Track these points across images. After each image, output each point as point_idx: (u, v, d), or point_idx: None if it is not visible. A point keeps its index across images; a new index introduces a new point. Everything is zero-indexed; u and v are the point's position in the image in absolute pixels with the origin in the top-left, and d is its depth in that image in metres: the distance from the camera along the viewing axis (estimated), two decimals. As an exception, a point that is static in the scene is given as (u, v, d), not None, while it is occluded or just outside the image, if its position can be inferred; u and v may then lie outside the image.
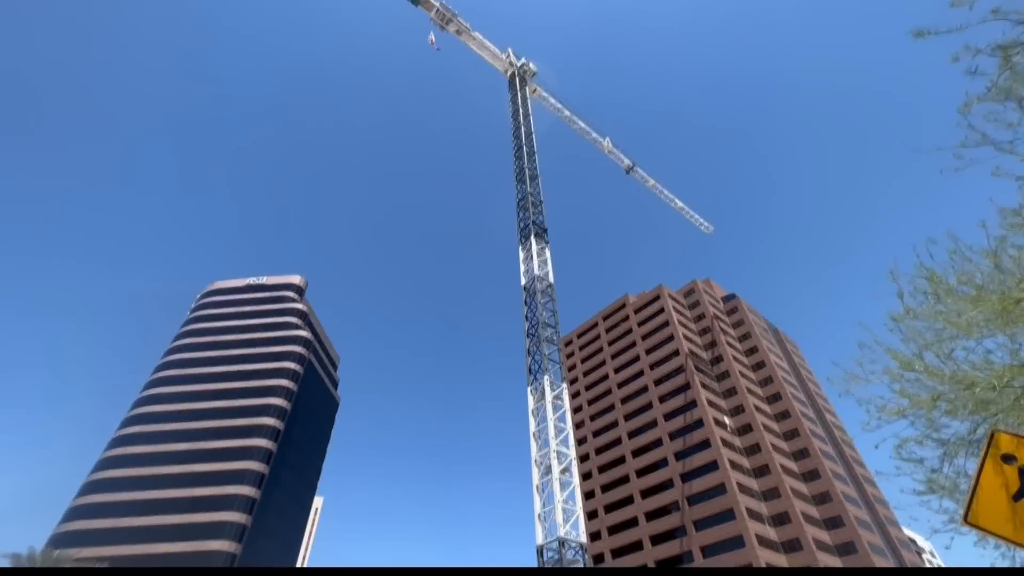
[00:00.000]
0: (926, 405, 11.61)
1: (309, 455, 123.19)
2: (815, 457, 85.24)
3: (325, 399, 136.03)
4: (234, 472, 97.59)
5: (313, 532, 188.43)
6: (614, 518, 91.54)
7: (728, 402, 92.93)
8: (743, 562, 71.22)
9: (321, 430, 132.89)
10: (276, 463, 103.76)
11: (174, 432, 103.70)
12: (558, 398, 56.73)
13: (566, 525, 47.26)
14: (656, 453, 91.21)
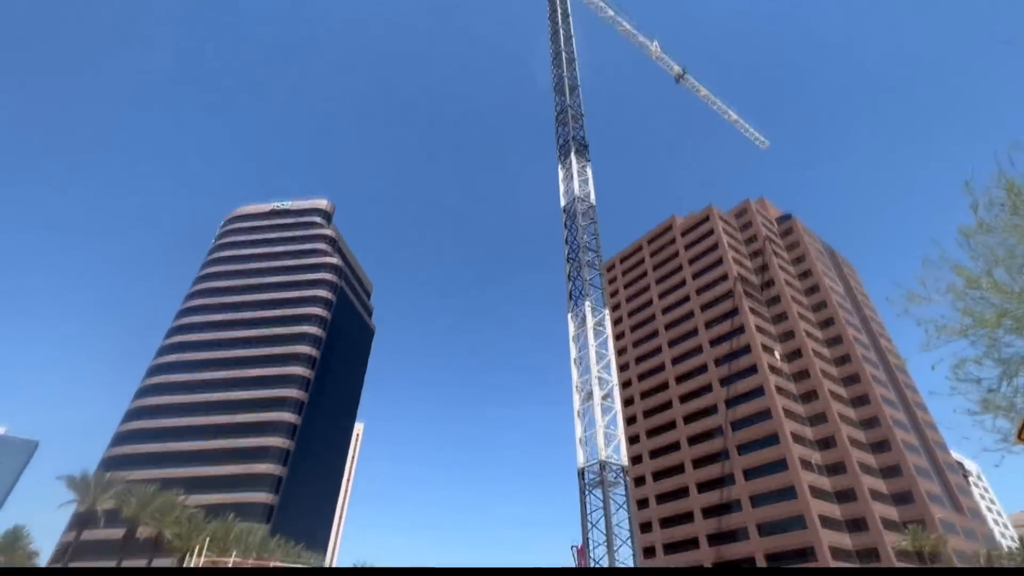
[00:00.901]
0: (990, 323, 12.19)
1: (346, 382, 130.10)
2: (866, 382, 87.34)
3: (359, 327, 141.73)
4: (273, 399, 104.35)
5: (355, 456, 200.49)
6: (656, 443, 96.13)
7: (777, 328, 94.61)
8: (785, 484, 75.25)
9: (357, 358, 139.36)
10: (314, 390, 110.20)
11: (209, 361, 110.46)
12: (600, 324, 59.04)
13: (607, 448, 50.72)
14: (700, 379, 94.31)
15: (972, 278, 12.52)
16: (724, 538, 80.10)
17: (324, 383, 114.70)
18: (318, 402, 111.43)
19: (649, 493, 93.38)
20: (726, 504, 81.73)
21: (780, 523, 74.36)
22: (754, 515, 77.41)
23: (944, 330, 12.87)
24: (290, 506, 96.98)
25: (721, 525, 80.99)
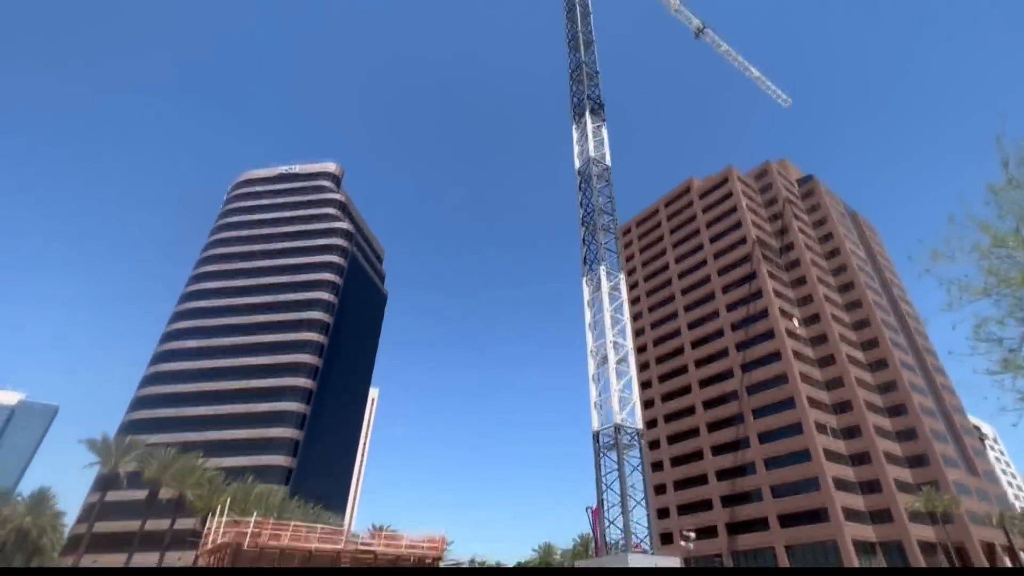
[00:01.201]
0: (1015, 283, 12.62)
1: (361, 348, 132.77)
2: (884, 347, 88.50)
3: (372, 293, 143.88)
4: (288, 365, 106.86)
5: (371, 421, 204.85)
6: (671, 407, 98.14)
7: (796, 292, 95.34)
8: (800, 447, 77.31)
9: (370, 324, 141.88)
10: (328, 356, 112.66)
11: (223, 327, 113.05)
12: (615, 289, 59.82)
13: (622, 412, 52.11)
14: (716, 344, 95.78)
15: (998, 236, 12.70)
16: (737, 500, 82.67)
17: (338, 348, 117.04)
18: (332, 367, 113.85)
19: (663, 456, 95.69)
20: (740, 467, 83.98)
21: (793, 485, 76.72)
22: (768, 477, 79.56)
23: (967, 290, 13.09)
24: (308, 469, 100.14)
25: (735, 487, 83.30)
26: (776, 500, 77.70)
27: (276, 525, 44.42)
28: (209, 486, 73.49)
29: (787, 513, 75.83)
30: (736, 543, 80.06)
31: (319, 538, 44.60)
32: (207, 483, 73.93)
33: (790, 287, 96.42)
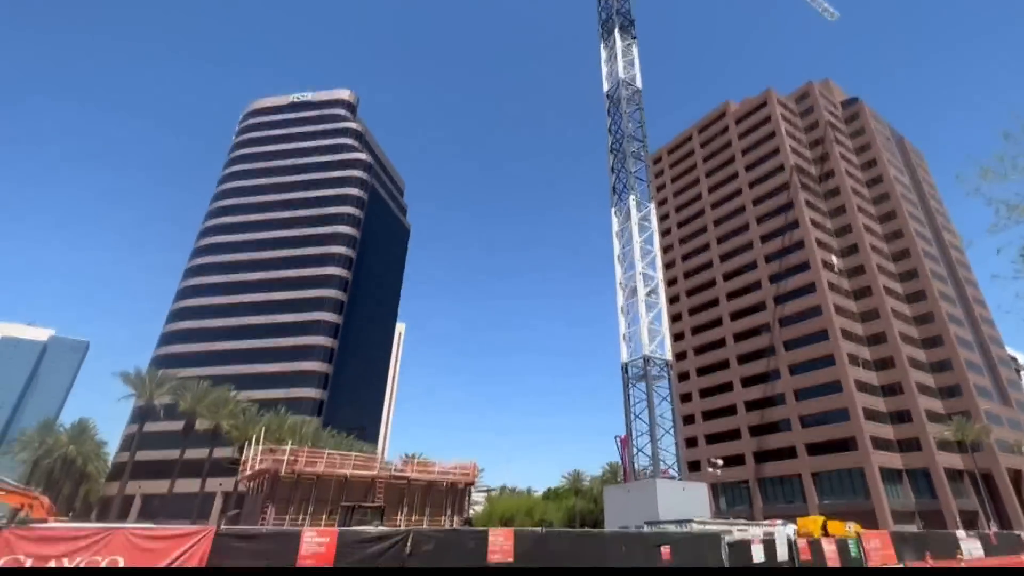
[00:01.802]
0: None
1: (385, 283, 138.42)
2: (923, 278, 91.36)
3: (394, 226, 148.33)
4: (313, 299, 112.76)
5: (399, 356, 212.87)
6: (701, 340, 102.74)
7: (834, 222, 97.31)
8: (831, 379, 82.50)
9: (394, 258, 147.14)
10: (353, 291, 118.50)
11: (244, 262, 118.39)
12: (645, 219, 61.48)
13: (651, 344, 55.00)
14: (749, 276, 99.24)
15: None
16: (765, 430, 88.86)
17: (362, 283, 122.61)
18: (358, 302, 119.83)
19: (692, 388, 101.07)
20: (769, 398, 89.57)
21: (823, 416, 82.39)
22: (797, 408, 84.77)
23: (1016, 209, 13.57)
24: (338, 401, 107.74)
25: (763, 418, 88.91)
26: (804, 430, 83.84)
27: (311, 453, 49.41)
28: (243, 417, 79.70)
29: (815, 442, 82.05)
30: (763, 471, 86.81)
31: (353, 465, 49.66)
32: (241, 414, 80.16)
33: (828, 217, 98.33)
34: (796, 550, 22.26)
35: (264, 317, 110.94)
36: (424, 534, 15.07)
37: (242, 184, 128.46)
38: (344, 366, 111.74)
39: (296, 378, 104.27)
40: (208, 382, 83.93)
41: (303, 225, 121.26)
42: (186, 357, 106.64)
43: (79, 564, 10.55)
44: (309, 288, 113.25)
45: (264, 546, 12.84)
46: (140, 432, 77.41)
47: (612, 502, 49.63)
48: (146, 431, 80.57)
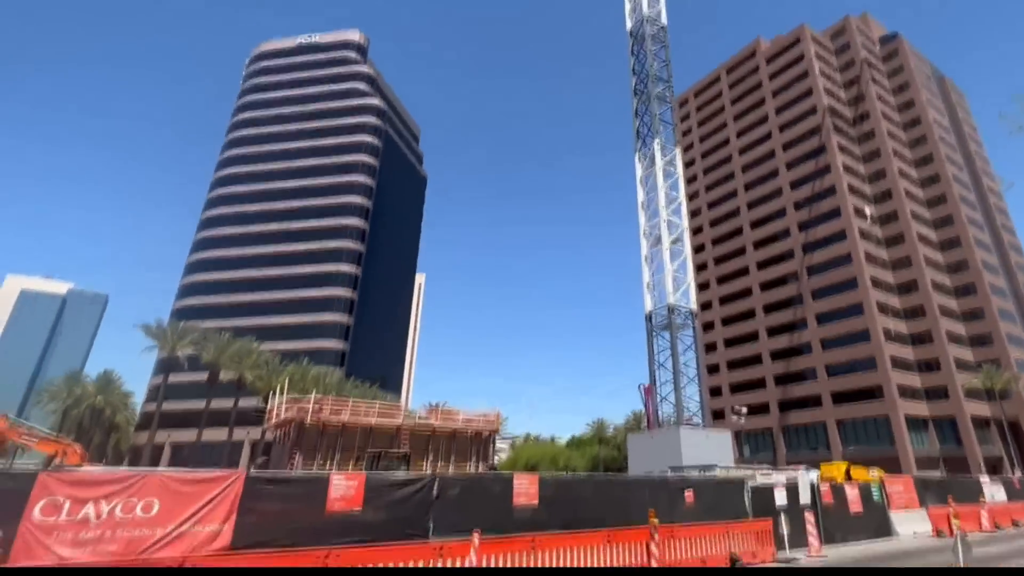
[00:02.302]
0: None
1: (403, 232, 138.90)
2: (959, 225, 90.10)
3: (410, 174, 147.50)
4: (331, 250, 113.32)
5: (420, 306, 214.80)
6: (726, 289, 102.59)
7: (868, 167, 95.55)
8: (860, 328, 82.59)
9: (411, 208, 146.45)
10: (371, 241, 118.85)
11: (258, 213, 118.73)
12: (670, 164, 60.70)
13: (676, 293, 55.02)
14: (778, 224, 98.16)
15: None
16: (791, 379, 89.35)
17: (380, 234, 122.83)
18: (376, 253, 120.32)
19: (717, 338, 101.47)
20: (796, 348, 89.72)
21: (849, 365, 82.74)
22: (823, 357, 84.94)
23: None
24: (361, 352, 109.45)
25: (789, 367, 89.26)
26: (831, 379, 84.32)
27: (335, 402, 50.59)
28: (266, 368, 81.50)
29: (841, 391, 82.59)
30: (787, 419, 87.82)
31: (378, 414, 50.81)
32: (264, 365, 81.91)
33: (861, 161, 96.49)
34: (819, 494, 22.68)
35: (282, 269, 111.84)
36: (450, 479, 15.55)
37: (251, 132, 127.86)
38: (364, 317, 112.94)
39: (317, 329, 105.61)
40: (230, 334, 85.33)
41: (316, 174, 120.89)
42: (206, 309, 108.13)
43: (115, 506, 10.99)
44: (326, 239, 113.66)
45: (294, 490, 13.29)
46: (165, 383, 79.29)
47: (636, 449, 50.63)
48: (171, 382, 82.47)
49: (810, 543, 19.77)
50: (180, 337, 78.48)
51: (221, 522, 11.97)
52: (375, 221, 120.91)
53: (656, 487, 19.85)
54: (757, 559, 17.44)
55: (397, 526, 13.59)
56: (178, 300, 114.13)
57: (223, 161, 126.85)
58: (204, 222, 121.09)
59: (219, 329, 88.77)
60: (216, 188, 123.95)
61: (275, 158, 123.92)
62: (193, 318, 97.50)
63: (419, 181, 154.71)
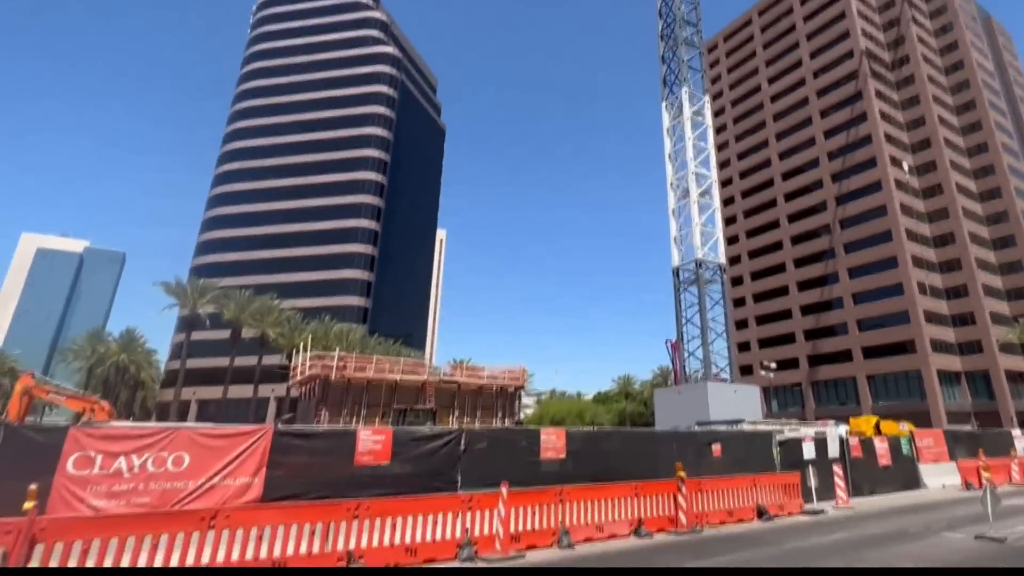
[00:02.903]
0: None
1: (422, 186, 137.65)
2: (1000, 174, 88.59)
3: (428, 127, 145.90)
4: (348, 206, 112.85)
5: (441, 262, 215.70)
6: (756, 243, 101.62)
7: (906, 114, 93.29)
8: (893, 282, 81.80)
9: (430, 161, 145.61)
10: (390, 196, 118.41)
11: (273, 168, 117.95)
12: (698, 114, 59.61)
13: (704, 248, 54.54)
14: (810, 175, 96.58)
15: None
16: (821, 333, 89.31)
17: (399, 189, 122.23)
18: (395, 208, 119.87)
19: (746, 292, 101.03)
20: (826, 302, 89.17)
21: (881, 319, 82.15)
22: (855, 312, 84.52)
23: None
24: (383, 309, 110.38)
25: (819, 322, 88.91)
26: (862, 334, 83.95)
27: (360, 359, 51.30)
28: (288, 325, 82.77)
29: (872, 346, 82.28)
30: (816, 374, 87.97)
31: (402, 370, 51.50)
32: (286, 322, 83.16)
33: (899, 108, 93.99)
34: (847, 448, 22.94)
35: (300, 225, 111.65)
36: (477, 433, 15.87)
37: (262, 84, 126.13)
38: (385, 274, 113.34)
39: (338, 286, 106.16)
40: (250, 291, 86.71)
41: (331, 127, 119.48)
42: (225, 266, 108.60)
43: (146, 460, 11.32)
44: (344, 194, 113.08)
45: (322, 444, 13.63)
46: (188, 340, 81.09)
47: (663, 404, 50.91)
48: (194, 339, 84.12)
49: (838, 495, 20.06)
50: (200, 295, 79.77)
51: (251, 475, 12.33)
52: (393, 175, 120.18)
53: (683, 441, 20.16)
54: (785, 511, 17.68)
55: (425, 479, 13.98)
56: (196, 257, 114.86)
57: (234, 114, 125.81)
58: (218, 177, 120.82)
59: (239, 286, 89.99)
60: (228, 143, 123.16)
61: (287, 110, 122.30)
62: (212, 275, 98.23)
63: (437, 133, 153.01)
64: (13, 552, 7.73)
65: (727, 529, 15.44)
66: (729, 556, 12.08)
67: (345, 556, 10.20)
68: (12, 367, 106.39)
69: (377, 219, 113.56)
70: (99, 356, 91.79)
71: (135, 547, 8.72)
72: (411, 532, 11.11)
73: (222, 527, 9.39)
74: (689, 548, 12.98)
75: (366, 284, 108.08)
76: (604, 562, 11.53)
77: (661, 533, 14.47)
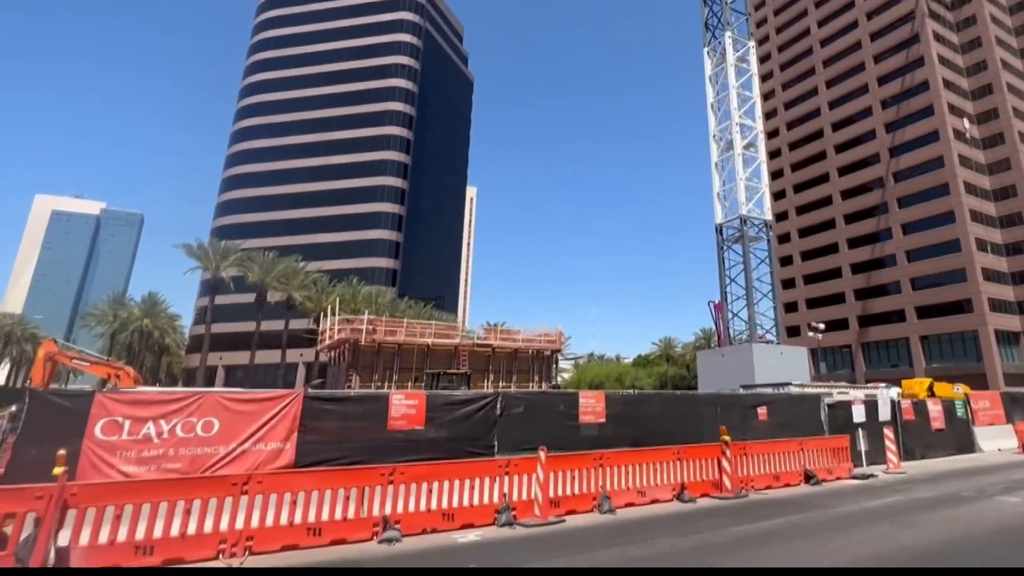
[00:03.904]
0: None
1: (450, 142, 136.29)
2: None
3: (455, 78, 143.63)
4: (373, 162, 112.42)
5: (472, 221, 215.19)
6: (804, 198, 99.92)
7: (966, 58, 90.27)
8: (950, 238, 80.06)
9: (457, 114, 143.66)
10: (416, 152, 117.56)
11: (292, 123, 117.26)
12: (743, 60, 58.36)
13: (748, 203, 53.76)
14: (862, 125, 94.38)
15: None
16: (872, 293, 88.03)
17: (426, 144, 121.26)
18: (423, 165, 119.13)
19: (793, 251, 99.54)
20: (878, 260, 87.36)
21: (936, 277, 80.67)
22: (908, 270, 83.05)
23: None
24: (412, 270, 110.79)
25: (870, 280, 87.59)
26: (915, 292, 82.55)
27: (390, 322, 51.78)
28: (315, 288, 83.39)
29: (926, 305, 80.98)
30: (867, 335, 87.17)
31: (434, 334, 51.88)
32: (312, 285, 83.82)
33: (959, 52, 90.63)
34: (899, 411, 22.84)
35: (323, 183, 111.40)
36: (514, 397, 15.93)
37: (279, 33, 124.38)
38: (414, 234, 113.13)
39: (364, 247, 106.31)
40: (274, 253, 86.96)
41: (353, 79, 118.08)
42: (247, 227, 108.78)
43: (175, 425, 11.48)
44: (368, 150, 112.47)
45: (354, 408, 13.78)
46: (212, 305, 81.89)
47: (706, 367, 50.97)
48: (218, 303, 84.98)
49: (888, 459, 20.01)
50: (223, 257, 79.89)
51: (283, 440, 12.48)
52: (420, 129, 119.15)
53: (728, 404, 20.18)
54: (833, 475, 17.63)
55: (460, 444, 14.14)
56: (216, 218, 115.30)
57: (251, 66, 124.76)
58: (236, 134, 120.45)
59: (262, 248, 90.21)
60: (246, 97, 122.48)
61: (306, 61, 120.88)
62: (234, 237, 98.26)
63: (465, 85, 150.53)
64: (46, 518, 7.86)
65: (773, 494, 15.47)
66: (776, 520, 12.11)
67: (381, 521, 10.31)
68: (34, 333, 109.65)
69: (404, 176, 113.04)
70: (121, 321, 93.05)
71: (168, 512, 8.87)
72: (447, 497, 11.19)
73: (255, 492, 9.52)
74: (734, 512, 13.01)
75: (394, 245, 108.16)
76: (647, 527, 11.55)
77: (705, 498, 14.51)
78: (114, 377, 20.91)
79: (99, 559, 8.28)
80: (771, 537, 10.77)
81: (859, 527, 11.45)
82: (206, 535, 9.05)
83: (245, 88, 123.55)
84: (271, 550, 9.41)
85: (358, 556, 9.45)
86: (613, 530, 11.40)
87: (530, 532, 11.15)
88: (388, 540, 10.04)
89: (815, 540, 10.56)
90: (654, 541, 10.40)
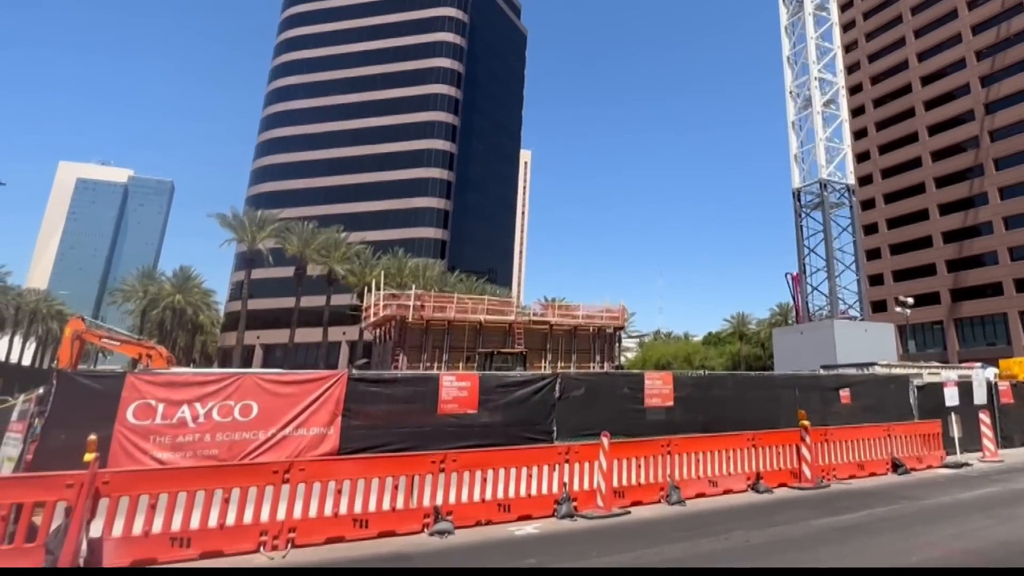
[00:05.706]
0: None
1: (502, 100, 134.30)
2: None
3: (507, 31, 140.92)
4: (419, 124, 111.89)
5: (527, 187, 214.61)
6: (890, 160, 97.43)
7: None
8: None
9: (509, 70, 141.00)
10: (465, 112, 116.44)
11: (331, 82, 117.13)
12: (822, 8, 57.38)
13: (829, 166, 52.77)
14: (954, 78, 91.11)
15: None
16: (966, 264, 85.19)
17: (476, 104, 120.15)
18: (472, 126, 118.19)
19: (878, 218, 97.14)
20: (973, 227, 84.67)
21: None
22: (1007, 238, 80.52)
23: None
24: (462, 242, 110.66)
25: (962, 250, 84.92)
26: (1014, 263, 79.54)
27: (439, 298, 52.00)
28: (358, 261, 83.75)
29: (1025, 277, 78.41)
30: (960, 310, 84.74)
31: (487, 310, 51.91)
32: (355, 258, 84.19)
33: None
34: (996, 393, 22.41)
35: (366, 148, 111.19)
36: (574, 378, 15.87)
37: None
38: (464, 202, 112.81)
39: (410, 216, 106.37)
40: (314, 223, 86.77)
41: (395, 34, 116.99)
42: (284, 195, 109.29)
43: (211, 408, 11.52)
44: (413, 111, 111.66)
45: (401, 391, 13.80)
46: (248, 279, 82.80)
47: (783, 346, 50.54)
48: (255, 278, 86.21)
49: (984, 446, 19.66)
50: (259, 228, 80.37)
51: (326, 425, 12.49)
52: (469, 89, 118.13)
53: (806, 386, 19.99)
54: (923, 464, 17.40)
55: (516, 429, 14.06)
56: (252, 186, 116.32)
57: (286, 21, 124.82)
58: (272, 94, 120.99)
59: (301, 218, 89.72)
60: (281, 54, 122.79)
61: (346, 15, 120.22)
62: (271, 206, 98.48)
63: (518, 38, 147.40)
64: (77, 507, 7.90)
65: (857, 484, 15.30)
66: (860, 512, 11.95)
67: (432, 512, 10.26)
68: (60, 310, 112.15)
69: (453, 139, 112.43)
70: (152, 297, 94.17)
71: (205, 502, 8.90)
72: (503, 487, 11.13)
73: (297, 481, 9.53)
74: (814, 504, 12.84)
75: (443, 214, 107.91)
76: (719, 519, 11.40)
77: (782, 488, 14.35)
78: (146, 357, 21.18)
79: (134, 551, 8.35)
80: (855, 531, 10.56)
81: (952, 520, 11.27)
82: (246, 526, 9.09)
83: (280, 44, 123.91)
84: (315, 543, 9.41)
85: (408, 549, 9.41)
86: (683, 523, 11.25)
87: (592, 524, 11.03)
88: (440, 532, 9.99)
89: (904, 534, 10.36)
90: (728, 535, 10.22)
